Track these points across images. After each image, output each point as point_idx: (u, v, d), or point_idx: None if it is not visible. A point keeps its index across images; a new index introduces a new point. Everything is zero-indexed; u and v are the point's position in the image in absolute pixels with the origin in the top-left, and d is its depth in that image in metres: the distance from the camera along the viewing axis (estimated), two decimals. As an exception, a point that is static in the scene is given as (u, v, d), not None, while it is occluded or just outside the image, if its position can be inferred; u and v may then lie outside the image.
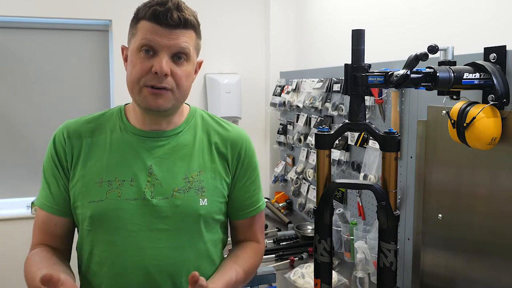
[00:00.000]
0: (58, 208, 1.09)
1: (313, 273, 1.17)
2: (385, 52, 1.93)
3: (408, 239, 1.60)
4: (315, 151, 1.17)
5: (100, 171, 1.06)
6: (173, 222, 1.06)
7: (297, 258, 1.94)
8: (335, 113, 2.11)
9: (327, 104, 2.19)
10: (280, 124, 2.86)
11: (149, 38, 1.00)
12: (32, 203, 2.76)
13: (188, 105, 1.20)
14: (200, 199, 1.09)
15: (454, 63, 1.15)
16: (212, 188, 1.11)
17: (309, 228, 2.29)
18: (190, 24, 1.03)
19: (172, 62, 1.02)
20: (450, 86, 1.08)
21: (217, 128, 1.19)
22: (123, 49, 1.11)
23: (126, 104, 1.17)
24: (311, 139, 2.37)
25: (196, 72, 1.13)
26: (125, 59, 1.08)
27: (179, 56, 1.03)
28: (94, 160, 1.07)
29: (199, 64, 1.16)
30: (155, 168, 1.07)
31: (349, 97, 1.10)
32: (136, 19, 1.05)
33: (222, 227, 1.18)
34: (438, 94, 1.18)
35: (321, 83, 2.24)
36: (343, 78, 1.13)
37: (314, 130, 2.34)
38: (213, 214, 1.12)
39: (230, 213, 1.19)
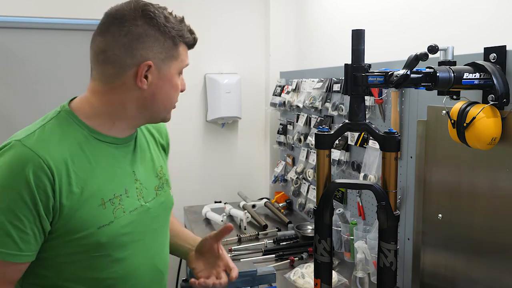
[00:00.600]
0: (27, 254, 0.91)
1: (313, 273, 1.17)
2: (385, 52, 1.93)
3: (408, 239, 1.60)
4: (315, 151, 1.17)
5: (97, 192, 0.96)
6: (161, 218, 1.14)
7: (297, 258, 1.94)
8: (335, 113, 2.11)
9: (327, 104, 2.19)
10: (280, 124, 2.86)
11: (187, 63, 1.05)
12: None
13: None
14: (170, 191, 1.18)
15: (454, 63, 1.15)
16: (169, 179, 1.20)
17: (309, 228, 2.29)
18: None
19: None
20: (450, 86, 1.08)
21: (150, 128, 1.23)
22: (147, 65, 0.97)
23: (69, 105, 1.06)
24: (311, 139, 2.37)
25: None
26: (143, 75, 0.98)
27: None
28: (84, 182, 0.94)
29: None
30: (137, 173, 1.06)
31: (349, 97, 1.10)
32: (178, 39, 1.01)
33: None
34: (438, 94, 1.18)
35: (321, 83, 2.24)
36: (343, 78, 1.13)
37: (314, 130, 2.34)
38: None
39: None
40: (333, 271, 1.74)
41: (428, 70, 1.08)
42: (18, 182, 0.86)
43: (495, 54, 1.13)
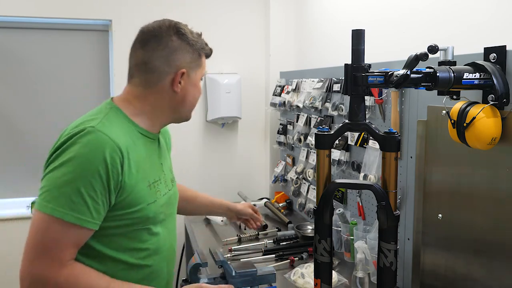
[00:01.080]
0: (97, 222, 1.08)
1: (313, 273, 1.18)
2: (385, 52, 1.93)
3: (408, 239, 1.60)
4: (315, 151, 1.17)
5: (145, 176, 1.18)
6: (175, 206, 1.38)
7: (297, 258, 1.94)
8: (335, 113, 2.11)
9: (327, 104, 2.19)
10: (280, 124, 2.86)
11: (206, 71, 1.34)
12: (35, 207, 2.76)
13: None
14: (176, 186, 1.42)
15: (454, 63, 1.15)
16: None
17: (309, 228, 2.29)
18: None
19: None
20: (450, 86, 1.08)
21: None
22: (182, 73, 1.22)
23: (112, 102, 1.22)
24: (311, 139, 2.37)
25: None
26: (179, 82, 1.21)
27: None
28: (138, 168, 1.15)
29: None
30: (163, 164, 1.31)
31: (349, 97, 1.10)
32: (201, 51, 1.28)
33: None
34: (438, 94, 1.18)
35: (321, 83, 2.24)
36: (343, 78, 1.13)
37: (314, 130, 2.34)
38: None
39: None
40: (333, 271, 1.74)
41: (428, 70, 1.08)
42: (97, 161, 1.04)
43: (495, 54, 1.13)
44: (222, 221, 2.36)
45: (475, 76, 1.09)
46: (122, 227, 1.14)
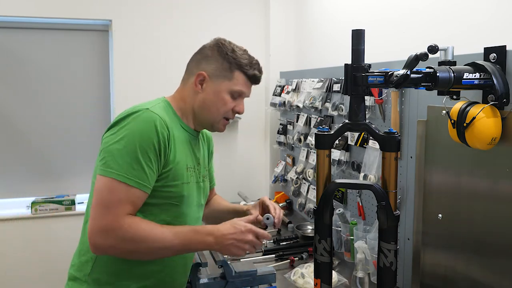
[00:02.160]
0: (150, 187, 1.22)
1: (313, 273, 1.17)
2: (385, 52, 1.93)
3: (408, 239, 1.60)
4: (315, 151, 1.17)
5: (184, 159, 1.31)
6: (204, 197, 1.45)
7: (297, 258, 1.94)
8: (335, 113, 2.11)
9: (327, 104, 2.19)
10: (280, 124, 2.86)
11: (244, 92, 1.37)
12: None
13: None
14: (208, 184, 1.50)
15: (454, 63, 1.15)
16: (213, 176, 1.62)
17: (309, 228, 2.29)
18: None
19: None
20: (450, 86, 1.08)
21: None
22: (202, 75, 1.33)
23: (164, 97, 1.38)
24: (311, 139, 2.37)
25: None
26: (201, 83, 1.34)
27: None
28: (179, 149, 1.29)
29: None
30: (199, 158, 1.42)
31: (349, 97, 1.10)
32: (235, 66, 1.34)
33: None
34: (438, 94, 1.18)
35: (321, 83, 2.24)
36: (343, 78, 1.13)
37: (314, 130, 2.34)
38: None
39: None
40: (333, 271, 1.74)
41: (428, 70, 1.08)
42: (152, 134, 1.20)
43: (495, 54, 1.13)
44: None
45: (475, 76, 1.09)
46: (159, 197, 1.25)
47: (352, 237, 1.85)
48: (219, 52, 1.36)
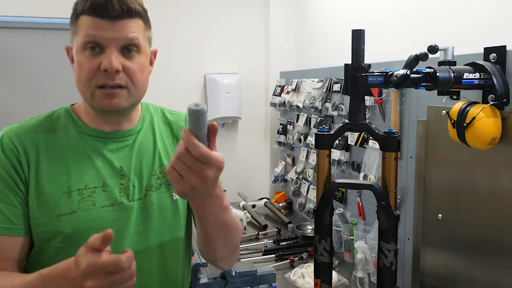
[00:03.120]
0: (19, 227, 0.93)
1: (313, 273, 1.17)
2: (385, 52, 1.93)
3: (408, 239, 1.60)
4: (315, 151, 1.17)
5: (66, 180, 0.96)
6: (151, 222, 1.03)
7: (297, 258, 1.94)
8: (335, 113, 2.11)
9: (327, 104, 2.19)
10: (280, 124, 2.86)
11: (92, 34, 0.92)
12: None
13: None
14: (173, 194, 1.07)
15: (454, 63, 1.15)
16: None
17: (309, 228, 2.29)
18: (135, 13, 0.95)
19: (122, 57, 0.95)
20: (450, 86, 1.08)
21: (171, 118, 1.16)
22: (68, 49, 1.02)
23: (72, 104, 1.08)
24: (311, 139, 2.37)
25: (151, 63, 1.07)
26: (71, 60, 1.01)
27: (128, 48, 0.95)
28: (54, 167, 0.96)
29: (154, 54, 1.09)
30: (125, 169, 1.02)
31: (349, 97, 1.10)
32: (75, 15, 0.96)
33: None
34: (438, 94, 1.18)
35: (321, 83, 2.24)
36: (343, 78, 1.13)
37: (314, 130, 2.34)
38: (185, 207, 1.10)
39: None
40: (333, 271, 1.74)
41: (428, 70, 1.08)
42: None
43: (495, 54, 1.13)
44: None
45: (475, 76, 1.09)
46: (38, 241, 0.96)
47: (352, 237, 1.85)
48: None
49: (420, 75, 1.07)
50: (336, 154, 2.03)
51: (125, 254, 0.79)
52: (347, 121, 1.10)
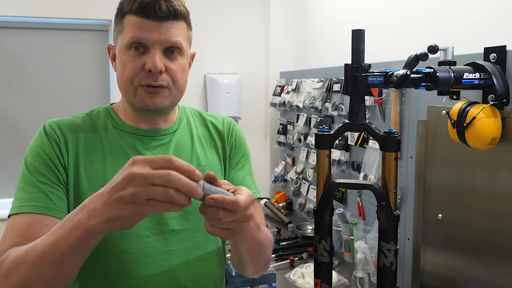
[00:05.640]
0: (58, 209, 0.92)
1: (313, 273, 1.17)
2: (385, 52, 1.93)
3: (408, 239, 1.60)
4: (315, 151, 1.17)
5: (102, 174, 0.97)
6: (186, 221, 1.02)
7: (297, 258, 1.94)
8: (335, 113, 2.11)
9: (327, 104, 2.19)
10: (280, 124, 2.86)
11: (138, 35, 0.93)
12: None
13: None
14: None
15: (454, 63, 1.15)
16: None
17: (309, 228, 2.29)
18: (181, 15, 0.96)
19: (165, 57, 0.96)
20: (450, 86, 1.08)
21: (209, 120, 1.17)
22: (109, 48, 1.04)
23: (112, 104, 1.10)
24: (311, 139, 2.37)
25: (190, 65, 1.08)
26: (113, 59, 1.03)
27: (172, 50, 0.97)
28: (92, 160, 0.97)
29: (192, 57, 1.10)
30: None
31: (349, 97, 1.10)
32: (121, 14, 0.97)
33: None
34: (438, 94, 1.18)
35: (321, 83, 2.24)
36: (343, 78, 1.13)
37: (314, 130, 2.34)
38: None
39: None
40: (333, 271, 1.74)
41: (428, 70, 1.08)
42: (37, 141, 0.97)
43: (495, 54, 1.13)
44: None
45: (475, 76, 1.09)
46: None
47: (352, 237, 1.85)
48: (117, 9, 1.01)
49: (420, 75, 1.07)
50: (336, 154, 2.03)
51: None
52: (347, 121, 1.10)
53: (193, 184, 0.67)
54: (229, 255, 1.12)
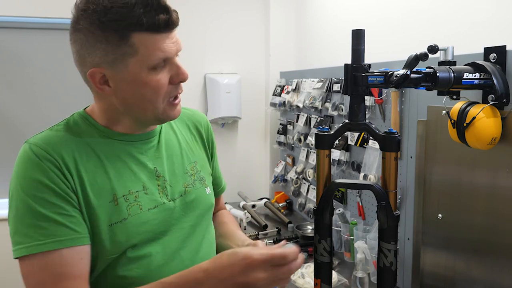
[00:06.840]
0: (83, 235, 0.87)
1: (313, 273, 1.17)
2: (385, 52, 1.93)
3: (408, 239, 1.60)
4: (315, 151, 1.17)
5: (109, 188, 0.92)
6: (192, 218, 1.05)
7: (297, 258, 1.94)
8: (335, 113, 2.11)
9: (327, 104, 2.19)
10: (280, 124, 2.86)
11: (164, 53, 0.89)
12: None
13: None
14: (206, 189, 1.12)
15: (454, 63, 1.15)
16: (207, 176, 1.15)
17: (309, 228, 2.29)
18: (177, 21, 0.94)
19: None
20: (450, 86, 1.08)
21: (184, 115, 1.16)
22: (94, 73, 0.89)
23: (84, 108, 1.05)
24: (311, 139, 2.37)
25: None
26: (106, 83, 0.91)
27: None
28: (95, 176, 0.91)
29: None
30: (160, 170, 1.02)
31: (349, 97, 1.10)
32: (122, 32, 0.85)
33: None
34: (438, 94, 1.18)
35: (321, 83, 2.24)
36: (343, 78, 1.13)
37: (314, 130, 2.34)
38: (213, 201, 1.16)
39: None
40: (333, 271, 1.74)
41: (428, 70, 1.08)
42: (30, 169, 0.89)
43: (495, 54, 1.13)
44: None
45: (475, 76, 1.09)
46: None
47: (352, 237, 1.85)
48: (93, 23, 0.84)
49: (420, 75, 1.07)
50: (336, 154, 2.03)
51: (291, 248, 0.85)
52: (347, 121, 1.10)
53: (298, 266, 0.86)
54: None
